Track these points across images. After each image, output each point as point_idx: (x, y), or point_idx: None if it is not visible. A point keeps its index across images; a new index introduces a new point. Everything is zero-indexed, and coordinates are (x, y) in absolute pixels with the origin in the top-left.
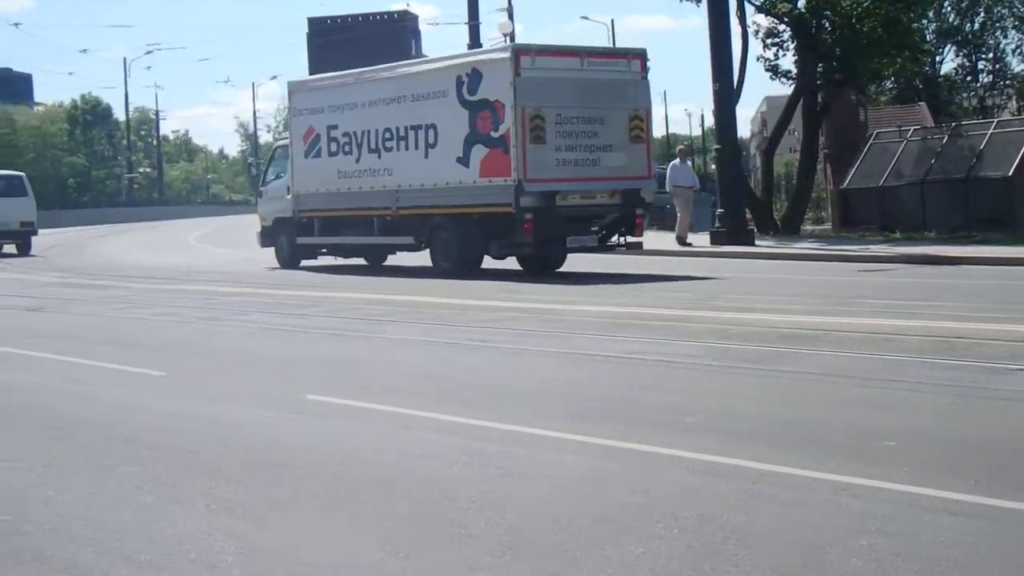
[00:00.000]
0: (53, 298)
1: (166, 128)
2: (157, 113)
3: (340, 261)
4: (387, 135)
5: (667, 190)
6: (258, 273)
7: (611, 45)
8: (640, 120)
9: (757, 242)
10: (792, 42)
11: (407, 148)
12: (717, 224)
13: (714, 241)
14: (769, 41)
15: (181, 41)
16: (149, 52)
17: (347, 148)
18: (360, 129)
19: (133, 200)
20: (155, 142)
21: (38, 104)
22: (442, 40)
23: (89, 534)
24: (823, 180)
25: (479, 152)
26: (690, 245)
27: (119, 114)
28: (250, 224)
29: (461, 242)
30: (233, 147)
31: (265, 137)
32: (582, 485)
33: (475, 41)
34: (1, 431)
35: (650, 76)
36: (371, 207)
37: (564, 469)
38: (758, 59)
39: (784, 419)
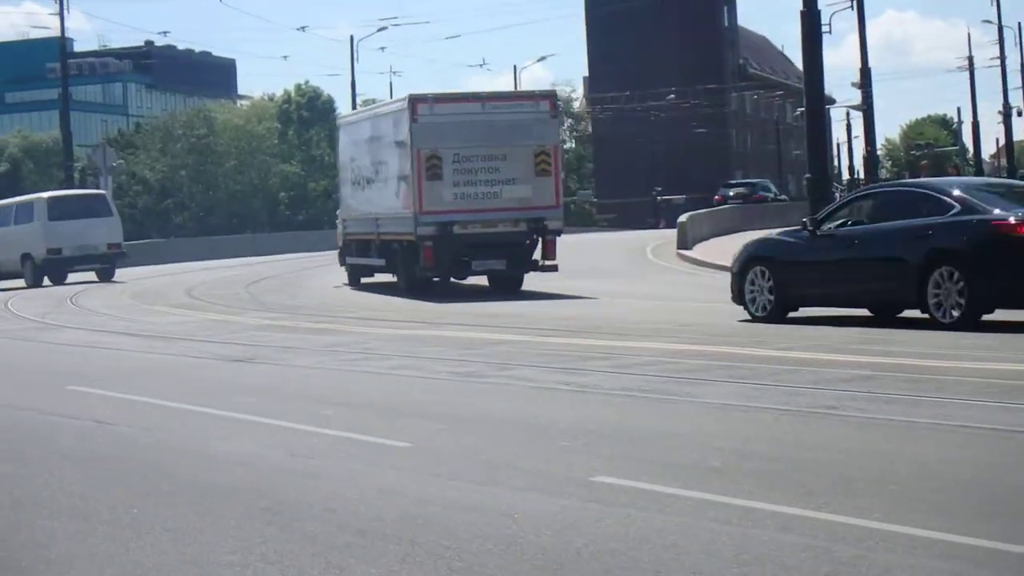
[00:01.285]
0: (265, 345)
1: None
2: None
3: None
4: (371, 169)
5: None
6: (527, 313)
7: None
8: (547, 155)
9: None
10: None
11: (378, 181)
12: None
13: None
14: None
15: (423, 14)
16: (382, 29)
17: (357, 179)
18: (362, 162)
19: None
20: None
21: (242, 97)
22: (767, 7)
23: None
24: None
25: (403, 187)
26: None
27: (344, 108)
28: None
29: (406, 264)
30: None
31: None
32: None
33: (812, 7)
34: (209, 515)
35: None
36: (367, 232)
37: None
38: None
39: None
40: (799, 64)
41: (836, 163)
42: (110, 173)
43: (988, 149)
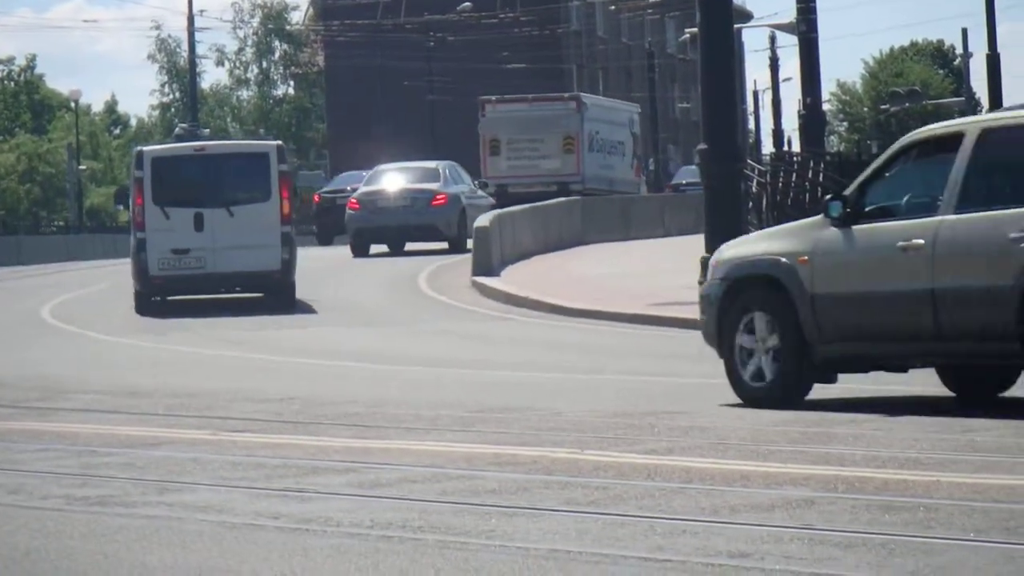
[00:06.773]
0: None
1: None
2: None
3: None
4: None
5: None
6: (209, 391)
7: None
8: (571, 139)
9: None
10: None
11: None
12: None
13: None
14: None
15: None
16: None
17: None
18: None
19: None
20: None
21: None
22: None
23: None
24: None
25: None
26: None
27: None
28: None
29: None
30: (146, 87)
31: (215, 73)
32: None
33: None
34: None
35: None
36: None
37: None
38: None
39: None
40: None
41: (753, 124)
42: None
43: (1017, 93)
